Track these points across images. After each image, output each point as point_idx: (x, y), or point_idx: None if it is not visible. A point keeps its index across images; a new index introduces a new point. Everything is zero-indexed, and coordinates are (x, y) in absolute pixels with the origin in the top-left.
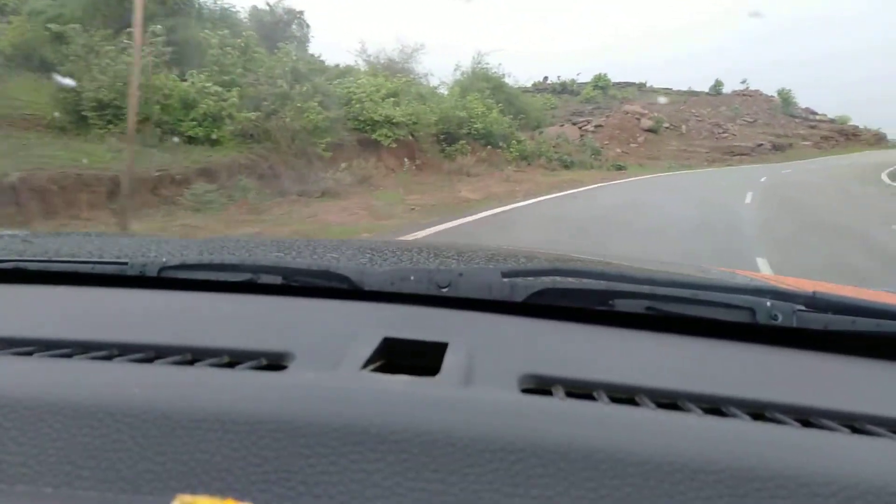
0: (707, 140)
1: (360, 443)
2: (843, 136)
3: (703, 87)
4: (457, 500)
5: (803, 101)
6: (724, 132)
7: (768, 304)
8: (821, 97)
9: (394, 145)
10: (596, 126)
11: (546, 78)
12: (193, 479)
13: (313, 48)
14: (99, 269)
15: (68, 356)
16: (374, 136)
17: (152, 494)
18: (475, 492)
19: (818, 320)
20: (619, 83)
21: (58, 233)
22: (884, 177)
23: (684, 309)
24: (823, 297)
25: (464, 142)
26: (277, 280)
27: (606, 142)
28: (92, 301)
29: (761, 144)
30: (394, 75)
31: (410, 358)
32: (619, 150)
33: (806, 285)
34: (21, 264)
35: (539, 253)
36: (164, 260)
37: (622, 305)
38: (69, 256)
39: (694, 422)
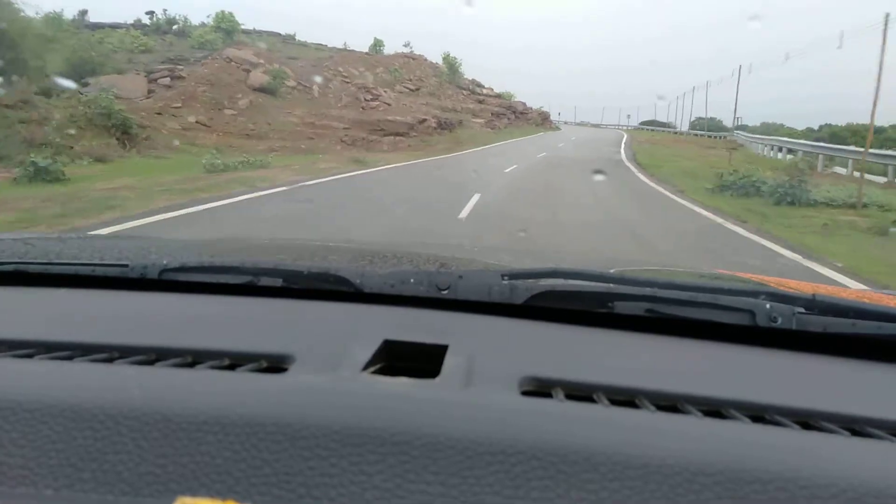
0: (350, 109)
1: (361, 445)
2: (514, 113)
3: (364, 47)
4: (457, 502)
5: (468, 72)
6: (374, 99)
7: (768, 306)
8: (483, 71)
9: None
10: (174, 79)
11: (152, 13)
12: (194, 481)
13: None
14: (100, 271)
15: (69, 358)
16: None
17: (153, 497)
18: (475, 494)
19: (818, 323)
20: (256, 31)
21: (59, 236)
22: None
23: (684, 311)
24: (823, 299)
25: None
26: (278, 282)
27: (178, 104)
28: (93, 303)
29: (425, 120)
30: None
31: (411, 360)
32: (193, 119)
33: (806, 288)
34: (22, 267)
35: (540, 254)
36: (164, 262)
37: (622, 308)
38: (70, 259)
39: (694, 424)
